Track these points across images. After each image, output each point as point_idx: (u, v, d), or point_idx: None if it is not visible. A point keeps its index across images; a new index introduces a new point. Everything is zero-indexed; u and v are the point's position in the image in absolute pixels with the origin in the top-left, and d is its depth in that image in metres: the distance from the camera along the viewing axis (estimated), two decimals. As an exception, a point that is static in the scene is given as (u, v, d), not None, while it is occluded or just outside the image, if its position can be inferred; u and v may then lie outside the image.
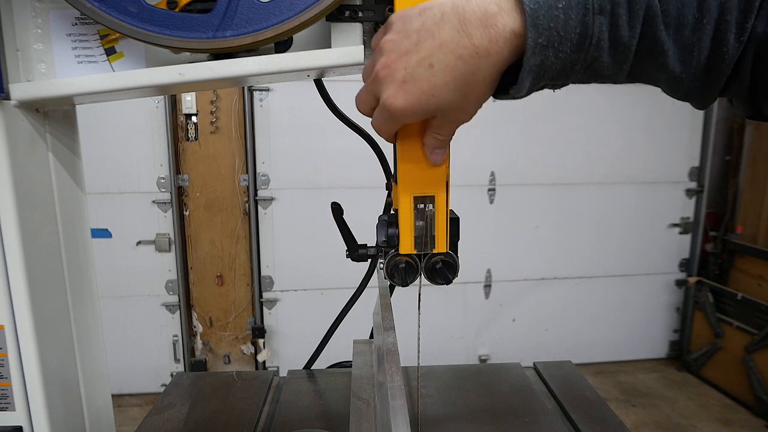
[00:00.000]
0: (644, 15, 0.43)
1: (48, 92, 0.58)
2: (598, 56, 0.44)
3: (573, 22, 0.43)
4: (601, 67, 0.45)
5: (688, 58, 0.44)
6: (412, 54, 0.45)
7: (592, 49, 0.44)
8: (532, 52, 0.43)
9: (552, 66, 0.44)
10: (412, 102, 0.46)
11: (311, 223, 2.89)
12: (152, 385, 2.97)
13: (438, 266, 0.57)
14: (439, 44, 0.44)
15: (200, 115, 2.76)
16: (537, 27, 0.42)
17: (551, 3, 0.42)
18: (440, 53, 0.44)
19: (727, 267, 3.24)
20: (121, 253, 2.83)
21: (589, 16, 0.43)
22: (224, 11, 0.51)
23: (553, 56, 0.43)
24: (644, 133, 3.13)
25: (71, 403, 0.70)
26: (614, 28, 0.43)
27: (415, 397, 0.93)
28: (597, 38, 0.43)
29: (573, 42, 0.43)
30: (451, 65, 0.44)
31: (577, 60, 0.44)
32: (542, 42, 0.43)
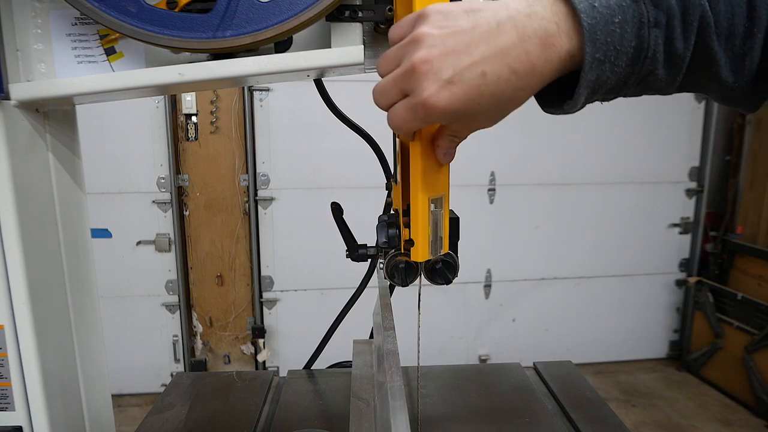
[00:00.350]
0: (698, 26, 0.43)
1: (48, 92, 0.58)
2: (653, 69, 0.44)
3: (629, 35, 0.42)
4: (655, 80, 0.45)
5: (739, 67, 0.44)
6: (462, 55, 0.42)
7: (647, 63, 0.44)
8: (590, 68, 0.43)
9: (607, 80, 0.44)
10: (456, 105, 0.43)
11: (311, 223, 2.89)
12: (152, 385, 2.97)
13: (438, 266, 0.57)
14: (494, 53, 0.42)
15: (200, 115, 2.76)
16: (595, 42, 0.42)
17: (608, 18, 0.42)
18: (495, 63, 0.42)
19: (727, 267, 3.24)
20: (121, 253, 2.83)
21: (645, 29, 0.42)
22: (224, 11, 0.51)
23: (609, 71, 0.43)
24: (644, 133, 3.13)
25: (71, 403, 0.70)
26: (669, 40, 0.43)
27: (415, 397, 0.93)
28: (652, 51, 0.43)
29: (629, 56, 0.43)
30: (504, 78, 0.43)
31: (631, 73, 0.44)
32: (599, 57, 0.42)
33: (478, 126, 0.49)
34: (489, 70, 0.42)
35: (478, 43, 0.42)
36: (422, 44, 0.43)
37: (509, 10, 0.43)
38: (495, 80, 0.42)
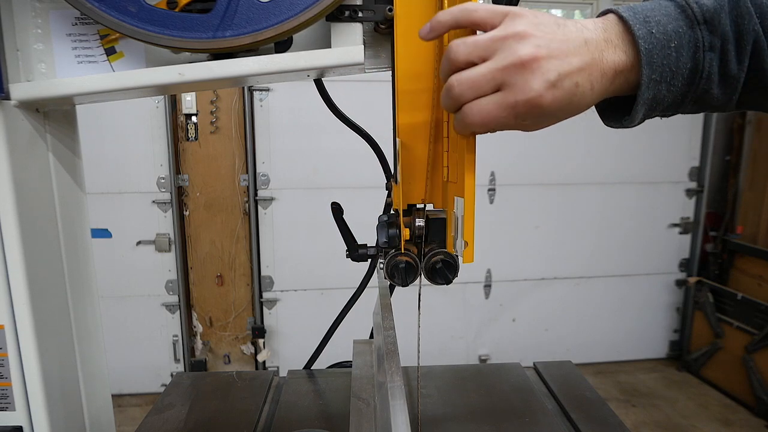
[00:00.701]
0: (751, 50, 0.45)
1: (48, 92, 0.58)
2: (709, 89, 0.46)
3: (684, 59, 0.45)
4: (711, 99, 0.47)
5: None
6: (563, 62, 0.44)
7: (702, 83, 0.46)
8: (646, 87, 0.45)
9: (664, 98, 0.47)
10: (553, 108, 0.45)
11: (311, 223, 2.89)
12: (152, 385, 2.96)
13: (438, 266, 0.57)
14: (583, 67, 0.45)
15: (200, 115, 2.76)
16: (651, 65, 0.45)
17: (664, 43, 0.45)
18: (583, 76, 0.45)
19: (727, 267, 3.24)
20: (121, 253, 2.83)
21: (700, 53, 0.45)
22: (224, 11, 0.51)
23: (665, 90, 0.46)
24: (644, 133, 3.13)
25: (71, 403, 0.70)
26: (723, 63, 0.45)
27: (415, 397, 0.93)
28: (707, 72, 0.45)
29: (684, 77, 0.45)
30: (586, 91, 0.46)
31: (687, 92, 0.46)
32: (655, 78, 0.45)
33: (531, 128, 0.50)
34: (580, 82, 0.45)
35: (574, 54, 0.44)
36: (528, 42, 0.44)
37: (590, 32, 0.46)
38: (581, 92, 0.45)
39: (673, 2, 0.47)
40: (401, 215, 0.58)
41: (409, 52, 0.55)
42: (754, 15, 0.45)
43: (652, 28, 0.45)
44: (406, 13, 0.54)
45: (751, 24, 0.45)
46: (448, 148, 0.57)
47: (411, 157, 0.59)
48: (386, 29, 0.57)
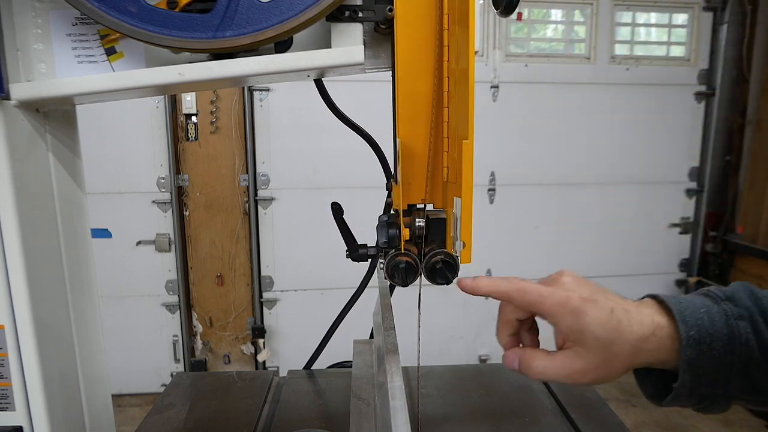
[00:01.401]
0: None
1: (48, 92, 0.58)
2: (751, 356, 0.48)
3: (718, 324, 0.49)
4: (758, 369, 0.49)
5: None
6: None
7: (743, 349, 0.48)
8: (687, 343, 0.48)
9: (708, 363, 0.48)
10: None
11: (311, 223, 2.89)
12: (152, 385, 2.96)
13: (438, 266, 0.57)
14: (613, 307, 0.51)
15: (200, 115, 2.76)
16: (686, 323, 0.48)
17: (693, 309, 0.50)
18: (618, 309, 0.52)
19: (727, 267, 3.24)
20: (121, 253, 2.83)
21: (732, 320, 0.49)
22: (224, 11, 0.51)
23: (707, 351, 0.48)
24: (644, 133, 3.13)
25: (71, 403, 0.70)
26: (757, 332, 0.48)
27: (415, 397, 0.93)
28: (745, 338, 0.48)
29: (723, 341, 0.48)
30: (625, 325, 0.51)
31: (732, 361, 0.48)
32: (693, 335, 0.48)
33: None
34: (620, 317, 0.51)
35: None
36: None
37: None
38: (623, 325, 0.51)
39: (697, 294, 0.53)
40: (401, 215, 0.58)
41: (409, 53, 0.55)
42: (761, 292, 0.50)
43: (680, 300, 0.51)
44: (406, 13, 0.54)
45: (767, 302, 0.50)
46: (448, 148, 0.57)
47: (411, 157, 0.59)
48: (386, 29, 0.57)
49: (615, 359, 0.50)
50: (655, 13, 3.09)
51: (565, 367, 0.52)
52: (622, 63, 3.05)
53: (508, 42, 2.97)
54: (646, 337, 0.50)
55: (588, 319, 0.50)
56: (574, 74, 3.02)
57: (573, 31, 3.09)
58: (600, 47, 3.02)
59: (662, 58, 3.12)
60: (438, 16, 0.54)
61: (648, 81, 3.07)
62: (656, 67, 3.09)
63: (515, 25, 2.97)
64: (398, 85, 0.56)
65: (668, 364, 0.51)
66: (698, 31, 3.11)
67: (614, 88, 3.04)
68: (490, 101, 2.97)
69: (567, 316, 0.51)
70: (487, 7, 2.77)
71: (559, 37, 3.10)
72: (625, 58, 3.06)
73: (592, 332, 0.50)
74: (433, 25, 0.55)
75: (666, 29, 3.13)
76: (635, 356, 0.50)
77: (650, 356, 0.50)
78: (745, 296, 0.50)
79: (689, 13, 3.10)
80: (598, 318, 0.50)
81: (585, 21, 3.03)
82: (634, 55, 3.07)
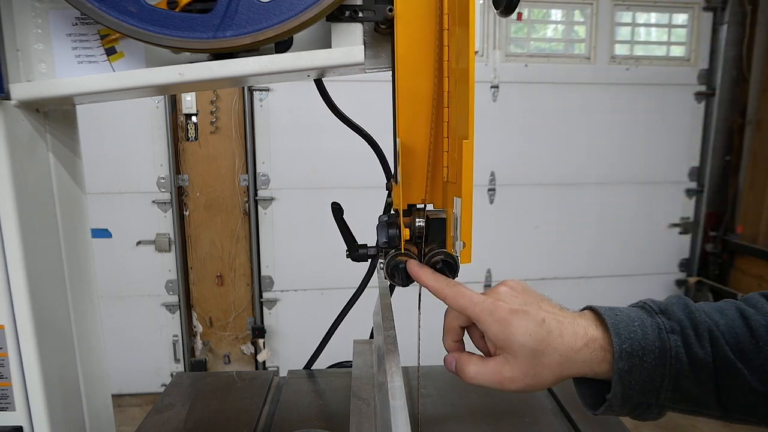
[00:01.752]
0: (709, 337, 0.50)
1: (48, 92, 0.58)
2: (681, 369, 0.50)
3: (651, 337, 0.51)
4: (687, 382, 0.51)
5: (764, 377, 0.49)
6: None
7: (673, 362, 0.50)
8: (619, 356, 0.50)
9: (639, 375, 0.50)
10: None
11: (311, 223, 2.89)
12: (152, 385, 2.96)
13: (438, 266, 0.57)
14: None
15: (200, 115, 2.76)
16: (620, 335, 0.50)
17: (628, 322, 0.51)
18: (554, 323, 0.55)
19: (727, 267, 3.24)
20: (121, 253, 2.83)
21: (664, 333, 0.51)
22: (224, 11, 0.51)
23: (639, 364, 0.50)
24: (644, 133, 3.13)
25: (71, 403, 0.70)
26: (687, 345, 0.50)
27: (415, 397, 0.93)
28: (675, 351, 0.50)
29: (655, 353, 0.50)
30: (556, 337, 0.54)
31: (663, 374, 0.50)
32: (626, 348, 0.50)
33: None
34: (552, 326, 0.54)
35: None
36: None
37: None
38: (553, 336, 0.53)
39: (634, 306, 0.55)
40: (401, 215, 0.58)
41: (409, 52, 0.55)
42: (703, 312, 0.52)
43: (616, 312, 0.53)
44: (406, 13, 0.54)
45: (702, 316, 0.51)
46: (448, 148, 0.57)
47: (411, 157, 0.59)
48: (386, 29, 0.57)
49: (544, 368, 0.51)
50: (655, 13, 3.09)
51: (496, 373, 0.53)
52: (622, 63, 3.05)
53: (508, 42, 2.97)
54: (579, 348, 0.51)
55: (512, 329, 0.51)
56: (574, 74, 3.02)
57: (573, 31, 3.09)
58: (600, 47, 3.02)
59: (662, 58, 3.12)
60: (438, 16, 0.54)
61: (648, 81, 3.07)
62: (656, 67, 3.09)
63: (515, 25, 2.97)
64: (398, 85, 0.56)
65: (601, 375, 0.52)
66: (698, 31, 3.11)
67: (614, 88, 3.05)
68: (490, 101, 2.97)
69: (494, 324, 0.52)
70: (487, 7, 2.77)
71: (559, 37, 3.10)
72: (625, 58, 3.06)
73: (518, 341, 0.51)
74: (433, 25, 0.55)
75: (666, 29, 3.13)
76: (566, 366, 0.52)
77: (583, 367, 0.52)
78: (678, 310, 0.52)
79: (689, 13, 3.10)
80: (524, 328, 0.51)
81: (585, 21, 3.03)
82: (634, 55, 3.08)
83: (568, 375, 0.53)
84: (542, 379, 0.52)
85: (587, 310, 0.56)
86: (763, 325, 0.50)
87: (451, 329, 0.59)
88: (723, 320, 0.52)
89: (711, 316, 0.52)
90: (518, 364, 0.52)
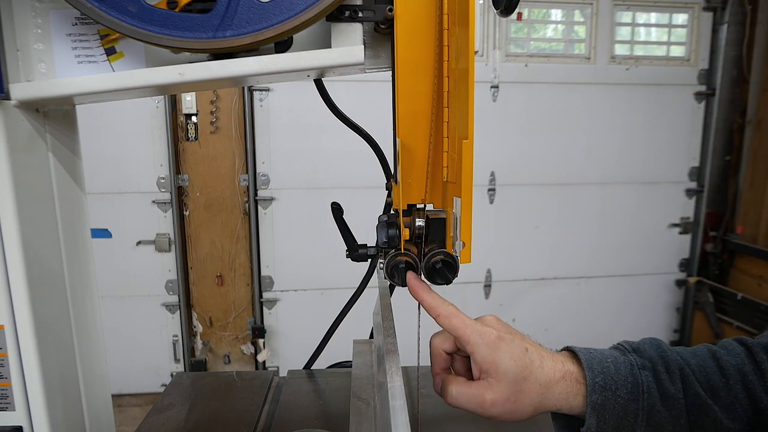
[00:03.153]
0: (680, 374, 0.53)
1: (48, 92, 0.58)
2: (653, 404, 0.52)
3: (623, 372, 0.53)
4: (660, 418, 0.52)
5: (734, 414, 0.51)
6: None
7: (645, 397, 0.52)
8: (592, 389, 0.52)
9: (613, 409, 0.52)
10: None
11: (311, 223, 2.89)
12: (152, 385, 2.96)
13: (438, 266, 0.57)
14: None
15: (200, 115, 2.75)
16: (592, 370, 0.53)
17: (601, 359, 0.55)
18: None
19: (727, 267, 3.24)
20: (121, 253, 2.83)
21: (636, 369, 0.53)
22: (224, 11, 0.51)
23: (612, 397, 0.52)
24: (644, 133, 3.13)
25: (71, 403, 0.70)
26: (659, 381, 0.53)
27: (415, 397, 0.93)
28: (647, 386, 0.52)
29: (627, 389, 0.52)
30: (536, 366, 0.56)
31: (637, 409, 0.52)
32: (599, 382, 0.52)
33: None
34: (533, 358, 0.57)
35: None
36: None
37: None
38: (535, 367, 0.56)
39: (611, 348, 0.59)
40: (401, 215, 0.58)
41: (409, 52, 0.55)
42: (675, 352, 0.55)
43: (591, 351, 0.57)
44: (406, 13, 0.54)
45: (673, 355, 0.54)
46: (448, 148, 0.57)
47: (411, 157, 0.59)
48: (386, 29, 0.57)
49: (524, 396, 0.53)
50: (655, 13, 3.09)
51: (477, 395, 0.54)
52: (622, 63, 3.05)
53: (508, 42, 2.97)
54: (556, 380, 0.54)
55: (500, 353, 0.53)
56: (574, 74, 3.02)
57: (573, 31, 3.09)
58: (600, 47, 3.02)
59: (662, 58, 3.12)
60: (438, 16, 0.54)
61: (648, 81, 3.07)
62: (656, 67, 3.09)
63: (515, 25, 2.97)
64: (398, 85, 0.56)
65: (577, 410, 0.54)
66: (698, 31, 3.11)
67: (614, 88, 3.04)
68: (490, 101, 2.97)
69: (483, 346, 0.54)
70: (487, 7, 2.77)
71: (559, 37, 3.10)
72: (625, 58, 3.06)
73: (504, 364, 0.53)
74: (433, 25, 0.55)
75: (666, 29, 3.13)
76: (545, 396, 0.53)
77: (560, 399, 0.54)
78: (650, 349, 0.55)
79: (689, 13, 3.10)
80: (511, 352, 0.53)
81: (585, 21, 3.03)
82: (634, 55, 3.08)
83: (546, 406, 0.54)
84: (521, 406, 0.53)
85: (565, 350, 0.59)
86: (733, 365, 0.53)
87: (437, 355, 0.60)
88: (695, 360, 0.54)
89: (683, 356, 0.55)
90: (501, 388, 0.53)
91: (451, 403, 0.55)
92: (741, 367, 0.53)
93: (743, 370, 0.53)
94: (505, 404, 0.53)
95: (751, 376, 0.52)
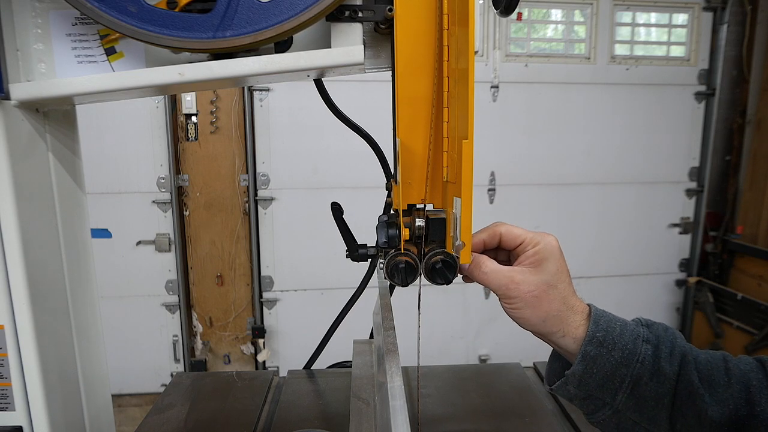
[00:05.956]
0: (680, 359, 0.55)
1: (48, 92, 0.58)
2: (642, 375, 0.54)
3: (626, 338, 0.55)
4: (645, 391, 0.54)
5: (723, 410, 0.52)
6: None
7: (638, 366, 0.54)
8: (589, 341, 0.55)
9: (602, 366, 0.54)
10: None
11: (311, 223, 2.89)
12: (152, 385, 2.96)
13: (438, 266, 0.57)
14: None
15: (200, 115, 2.75)
16: (597, 324, 0.56)
17: (611, 318, 0.57)
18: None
19: (727, 267, 3.24)
20: (121, 253, 2.83)
21: (639, 341, 0.55)
22: (224, 11, 0.51)
23: (605, 354, 0.54)
24: (644, 133, 3.13)
25: (71, 403, 0.70)
26: (657, 358, 0.54)
27: (415, 397, 0.93)
28: (642, 357, 0.54)
29: (624, 353, 0.54)
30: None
31: (625, 374, 0.54)
32: (599, 336, 0.55)
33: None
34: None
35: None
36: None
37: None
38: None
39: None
40: (401, 215, 0.58)
41: (409, 53, 0.55)
42: (688, 344, 0.57)
43: (606, 312, 0.59)
44: (406, 13, 0.54)
45: (682, 342, 0.56)
46: (448, 148, 0.57)
47: (411, 157, 0.59)
48: (386, 29, 0.57)
49: (545, 300, 0.56)
50: (655, 13, 3.09)
51: (508, 275, 0.56)
52: (622, 63, 3.05)
53: (508, 42, 2.97)
54: (575, 310, 0.57)
55: (557, 253, 0.58)
56: (574, 74, 3.02)
57: (573, 31, 3.09)
58: (600, 47, 3.02)
59: (662, 58, 3.12)
60: (438, 16, 0.54)
61: (648, 81, 3.07)
62: (656, 67, 3.09)
63: (515, 25, 2.97)
64: (398, 85, 0.56)
65: (572, 358, 0.56)
66: (698, 31, 3.11)
67: (614, 88, 3.04)
68: (490, 101, 2.97)
69: (544, 240, 0.58)
70: (487, 7, 2.77)
71: (559, 37, 3.10)
72: (625, 58, 3.06)
73: (553, 262, 0.57)
74: (433, 25, 0.55)
75: (666, 29, 3.13)
76: (558, 317, 0.56)
77: (566, 331, 0.56)
78: (662, 330, 0.57)
79: (689, 13, 3.10)
80: (556, 263, 0.57)
81: (585, 21, 3.03)
82: (634, 55, 3.07)
83: (553, 328, 0.56)
84: (538, 308, 0.56)
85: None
86: (741, 369, 0.54)
87: (478, 242, 0.61)
88: (704, 356, 0.56)
89: (693, 349, 0.56)
90: (532, 279, 0.56)
91: (480, 278, 0.58)
92: (748, 372, 0.54)
93: (749, 376, 0.54)
94: (527, 294, 0.56)
95: (756, 381, 0.53)
